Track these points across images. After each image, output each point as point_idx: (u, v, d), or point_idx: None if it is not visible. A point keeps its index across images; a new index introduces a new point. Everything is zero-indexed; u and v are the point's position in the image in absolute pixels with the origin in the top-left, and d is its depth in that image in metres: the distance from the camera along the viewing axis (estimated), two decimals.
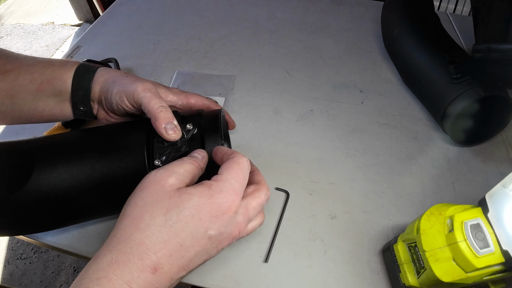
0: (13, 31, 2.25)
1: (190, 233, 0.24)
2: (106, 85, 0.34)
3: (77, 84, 0.34)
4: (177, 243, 0.24)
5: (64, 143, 0.31)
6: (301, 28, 0.68)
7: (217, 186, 0.25)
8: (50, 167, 0.28)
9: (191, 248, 0.24)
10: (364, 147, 0.47)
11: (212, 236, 0.25)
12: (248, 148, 0.47)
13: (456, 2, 0.92)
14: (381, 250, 0.37)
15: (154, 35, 0.66)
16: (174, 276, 0.24)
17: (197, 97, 0.38)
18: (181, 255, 0.24)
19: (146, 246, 0.23)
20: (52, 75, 0.34)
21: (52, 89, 0.34)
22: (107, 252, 0.23)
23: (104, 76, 0.35)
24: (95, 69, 0.35)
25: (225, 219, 0.25)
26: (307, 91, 0.55)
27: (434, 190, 0.42)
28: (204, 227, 0.24)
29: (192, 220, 0.24)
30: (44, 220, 0.30)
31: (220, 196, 0.25)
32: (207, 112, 0.35)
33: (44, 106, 0.35)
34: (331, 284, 0.35)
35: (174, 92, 0.37)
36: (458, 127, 0.45)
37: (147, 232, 0.23)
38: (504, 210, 0.25)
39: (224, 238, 0.26)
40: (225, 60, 0.61)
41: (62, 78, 0.34)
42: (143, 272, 0.22)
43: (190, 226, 0.24)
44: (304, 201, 0.41)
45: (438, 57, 0.47)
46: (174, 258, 0.24)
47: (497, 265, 0.25)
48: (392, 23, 0.57)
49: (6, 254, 1.19)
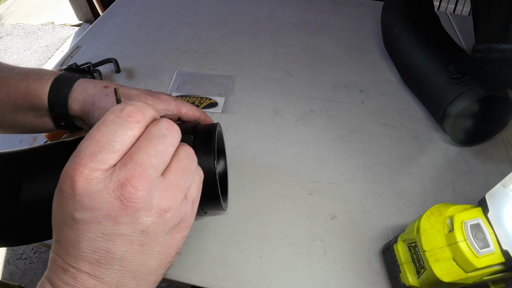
0: (13, 31, 2.25)
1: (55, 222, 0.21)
2: (86, 107, 0.32)
3: (52, 101, 0.32)
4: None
5: (51, 154, 0.31)
6: (301, 28, 0.68)
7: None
8: (40, 179, 0.28)
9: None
10: (364, 147, 0.47)
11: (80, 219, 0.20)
12: (248, 148, 0.47)
13: (456, 2, 0.92)
14: (381, 250, 0.37)
15: (154, 35, 0.66)
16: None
17: (188, 107, 0.35)
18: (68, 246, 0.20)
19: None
20: (26, 89, 0.32)
21: (28, 105, 0.32)
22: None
23: (81, 94, 0.32)
24: (71, 83, 0.33)
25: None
26: (307, 91, 0.55)
27: (434, 190, 0.42)
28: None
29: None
30: (41, 230, 0.30)
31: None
32: (201, 129, 0.33)
33: (24, 119, 0.34)
34: (331, 284, 0.35)
35: (164, 101, 0.34)
36: (458, 127, 0.45)
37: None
38: (504, 210, 0.25)
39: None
40: (225, 60, 0.61)
41: (37, 94, 0.32)
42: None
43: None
44: (304, 201, 0.41)
45: (438, 57, 0.47)
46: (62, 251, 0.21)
47: (497, 265, 0.25)
48: (392, 23, 0.57)
49: (6, 254, 1.20)
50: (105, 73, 0.58)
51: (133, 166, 0.20)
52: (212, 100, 0.53)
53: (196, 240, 0.38)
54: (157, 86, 0.56)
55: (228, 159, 0.45)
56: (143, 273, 0.22)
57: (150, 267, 0.22)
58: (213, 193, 0.31)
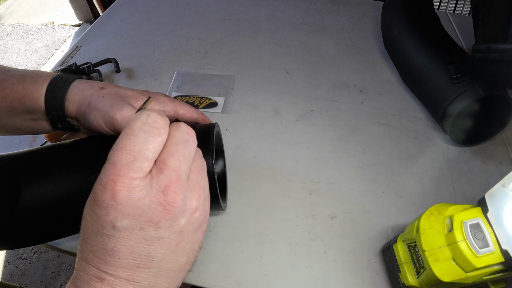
0: (13, 31, 2.25)
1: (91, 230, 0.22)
2: (82, 108, 0.31)
3: (49, 104, 0.32)
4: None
5: (49, 157, 0.31)
6: (301, 28, 0.68)
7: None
8: (39, 182, 0.28)
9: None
10: (364, 147, 0.47)
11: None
12: (248, 148, 0.47)
13: (456, 2, 0.92)
14: (381, 250, 0.37)
15: (154, 35, 0.66)
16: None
17: (186, 108, 0.35)
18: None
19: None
20: (22, 92, 0.32)
21: (25, 107, 0.32)
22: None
23: (78, 95, 0.32)
24: (67, 85, 0.33)
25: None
26: (307, 91, 0.55)
27: (434, 190, 0.42)
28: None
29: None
30: (41, 232, 0.30)
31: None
32: (199, 129, 0.32)
33: (21, 122, 0.34)
34: (331, 284, 0.35)
35: (161, 102, 0.34)
36: (458, 127, 0.45)
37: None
38: (503, 210, 0.25)
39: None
40: (225, 60, 0.61)
41: (33, 97, 0.32)
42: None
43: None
44: (304, 201, 0.41)
45: (438, 57, 0.47)
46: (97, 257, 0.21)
47: (496, 265, 0.25)
48: (392, 23, 0.57)
49: (6, 254, 1.20)
50: (105, 73, 0.58)
51: (169, 172, 0.21)
52: (212, 100, 0.53)
53: None
54: (157, 86, 0.56)
55: (228, 159, 0.45)
56: (175, 271, 0.23)
57: (181, 264, 0.23)
58: (212, 193, 0.31)
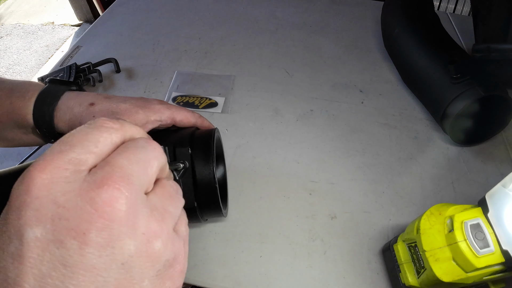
0: (13, 31, 2.25)
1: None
2: (73, 128, 0.31)
3: (38, 121, 0.31)
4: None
5: None
6: (301, 28, 0.68)
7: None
8: None
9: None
10: (364, 147, 0.47)
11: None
12: (248, 148, 0.47)
13: (456, 2, 0.92)
14: (381, 250, 0.37)
15: (154, 35, 0.66)
16: None
17: (183, 114, 0.34)
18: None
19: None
20: (10, 108, 0.31)
21: (14, 122, 0.32)
22: None
23: (67, 114, 0.31)
24: (55, 100, 0.32)
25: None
26: (307, 91, 0.55)
27: (434, 190, 0.42)
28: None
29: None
30: None
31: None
32: (199, 137, 0.32)
33: (13, 135, 0.33)
34: (331, 284, 0.35)
35: (157, 111, 0.32)
36: (458, 127, 0.45)
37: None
38: (504, 210, 0.25)
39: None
40: (225, 60, 0.61)
41: (22, 113, 0.31)
42: None
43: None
44: (304, 201, 0.41)
45: (438, 57, 0.47)
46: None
47: (497, 265, 0.25)
48: (392, 23, 0.57)
49: None
50: (105, 73, 0.58)
51: (112, 168, 0.15)
52: (212, 100, 0.53)
53: (196, 240, 0.38)
54: (157, 86, 0.56)
55: (228, 159, 0.45)
56: None
57: None
58: (214, 201, 0.31)
